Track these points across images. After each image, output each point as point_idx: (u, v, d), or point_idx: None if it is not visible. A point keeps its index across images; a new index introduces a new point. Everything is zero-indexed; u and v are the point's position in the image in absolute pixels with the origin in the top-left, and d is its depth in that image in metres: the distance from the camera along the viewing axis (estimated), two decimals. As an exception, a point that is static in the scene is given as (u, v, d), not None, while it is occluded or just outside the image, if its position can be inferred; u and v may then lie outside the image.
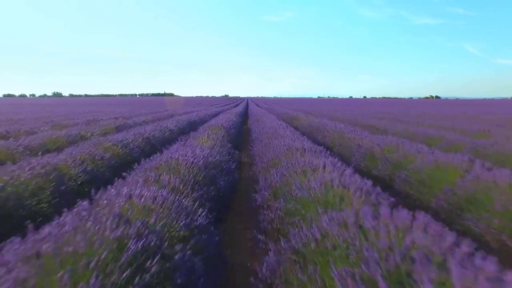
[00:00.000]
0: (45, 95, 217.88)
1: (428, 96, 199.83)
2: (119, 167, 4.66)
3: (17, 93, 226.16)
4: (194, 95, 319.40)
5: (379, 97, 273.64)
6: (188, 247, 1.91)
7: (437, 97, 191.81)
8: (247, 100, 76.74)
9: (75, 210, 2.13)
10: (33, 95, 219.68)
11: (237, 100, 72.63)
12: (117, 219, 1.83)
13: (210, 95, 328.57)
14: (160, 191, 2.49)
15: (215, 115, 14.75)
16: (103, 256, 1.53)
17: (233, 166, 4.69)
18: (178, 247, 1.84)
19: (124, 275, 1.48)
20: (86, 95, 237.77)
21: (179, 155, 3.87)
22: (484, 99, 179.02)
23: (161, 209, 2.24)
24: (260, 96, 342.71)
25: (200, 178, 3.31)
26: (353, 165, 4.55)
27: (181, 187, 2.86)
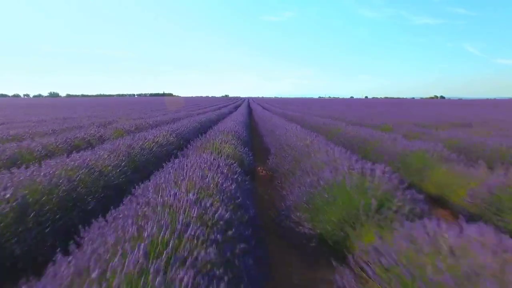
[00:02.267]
0: (40, 95, 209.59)
1: (433, 96, 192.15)
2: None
3: (10, 93, 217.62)
4: (194, 95, 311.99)
5: (381, 97, 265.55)
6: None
7: (441, 97, 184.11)
8: (248, 100, 69.35)
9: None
10: (27, 95, 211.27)
11: (237, 101, 65.73)
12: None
13: (210, 95, 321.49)
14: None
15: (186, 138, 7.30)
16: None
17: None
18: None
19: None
20: (83, 95, 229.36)
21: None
22: (487, 99, 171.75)
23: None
24: (260, 96, 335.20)
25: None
26: None
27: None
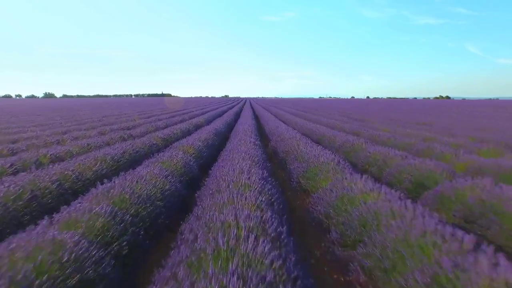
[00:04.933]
0: (33, 95, 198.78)
1: (438, 96, 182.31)
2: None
3: (1, 94, 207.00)
4: (194, 96, 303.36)
5: (384, 98, 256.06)
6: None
7: (447, 97, 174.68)
8: (250, 102, 61.27)
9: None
10: (19, 95, 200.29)
11: (239, 101, 57.67)
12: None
13: (210, 95, 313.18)
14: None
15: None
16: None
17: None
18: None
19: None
20: (78, 96, 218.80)
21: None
22: (490, 99, 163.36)
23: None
24: (260, 96, 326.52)
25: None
26: None
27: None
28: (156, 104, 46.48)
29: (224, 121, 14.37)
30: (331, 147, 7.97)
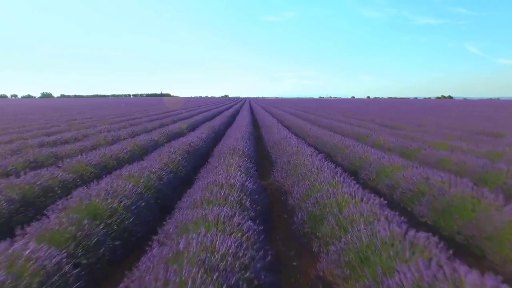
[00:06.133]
0: (29, 95, 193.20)
1: (440, 96, 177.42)
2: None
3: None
4: (193, 96, 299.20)
5: (385, 98, 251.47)
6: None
7: (449, 97, 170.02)
8: (248, 101, 57.84)
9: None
10: (15, 95, 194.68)
11: (237, 102, 54.22)
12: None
13: (210, 95, 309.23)
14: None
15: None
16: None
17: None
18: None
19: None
20: (76, 96, 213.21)
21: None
22: (491, 99, 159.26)
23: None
24: (260, 96, 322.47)
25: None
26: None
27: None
28: (153, 105, 43.16)
29: (212, 128, 10.82)
30: (385, 189, 4.42)
